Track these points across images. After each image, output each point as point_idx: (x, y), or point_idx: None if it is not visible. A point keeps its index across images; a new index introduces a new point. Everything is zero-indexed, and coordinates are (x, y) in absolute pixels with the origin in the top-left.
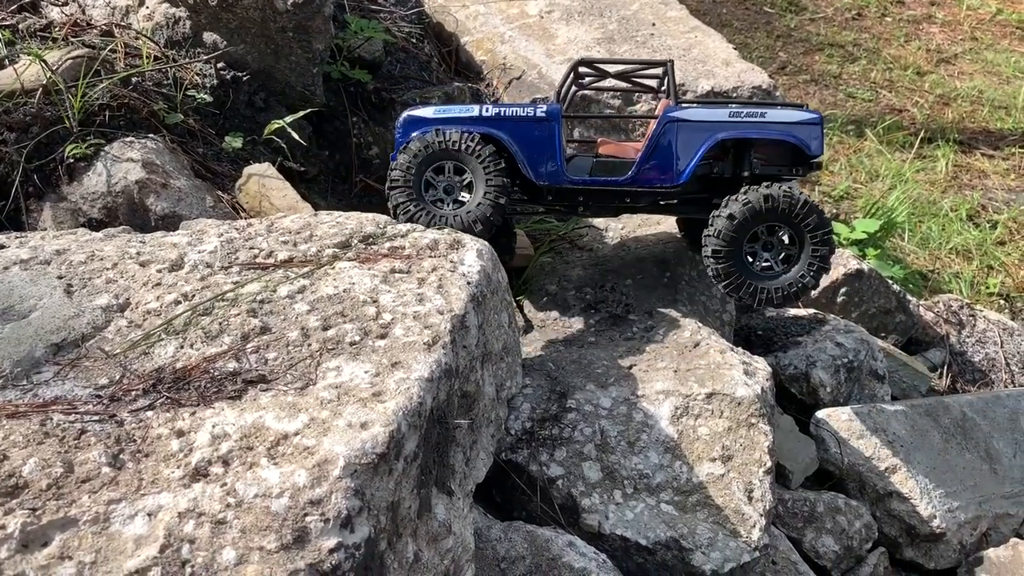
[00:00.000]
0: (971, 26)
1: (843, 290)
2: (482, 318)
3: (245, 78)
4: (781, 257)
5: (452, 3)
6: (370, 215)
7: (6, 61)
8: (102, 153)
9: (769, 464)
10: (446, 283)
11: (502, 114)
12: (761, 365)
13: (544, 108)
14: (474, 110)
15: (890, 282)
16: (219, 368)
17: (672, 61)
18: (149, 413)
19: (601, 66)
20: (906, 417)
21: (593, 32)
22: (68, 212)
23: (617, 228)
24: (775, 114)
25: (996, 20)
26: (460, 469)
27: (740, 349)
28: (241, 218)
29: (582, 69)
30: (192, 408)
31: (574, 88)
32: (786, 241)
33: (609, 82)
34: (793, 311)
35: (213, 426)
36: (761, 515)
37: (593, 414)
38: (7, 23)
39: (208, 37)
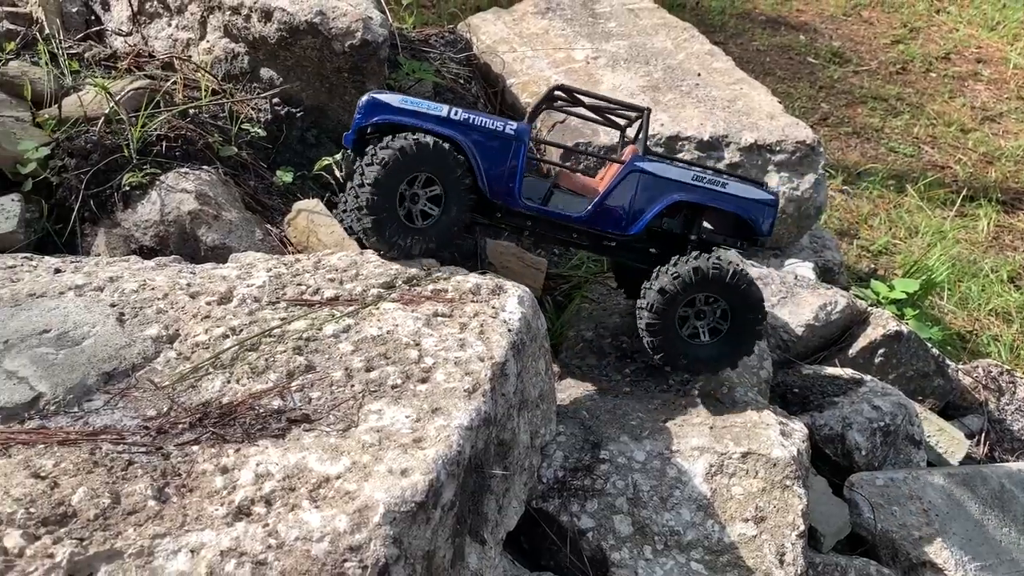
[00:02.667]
0: (1018, 84)
1: (881, 351)
2: (521, 366)
3: (299, 114)
4: (709, 328)
5: (500, 46)
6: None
7: (71, 89)
8: (157, 182)
9: (802, 528)
10: (487, 329)
11: (471, 121)
12: (798, 427)
13: (514, 126)
14: (443, 110)
15: (929, 345)
16: (264, 405)
17: (650, 110)
18: (195, 447)
19: (578, 96)
20: (943, 485)
21: (638, 79)
22: (121, 238)
23: None
24: (735, 187)
25: None
26: (493, 517)
27: (777, 408)
28: (289, 253)
29: (556, 93)
30: (237, 445)
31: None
32: (717, 314)
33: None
34: (830, 370)
35: (257, 464)
36: None
37: (626, 467)
38: (74, 52)
39: (265, 73)
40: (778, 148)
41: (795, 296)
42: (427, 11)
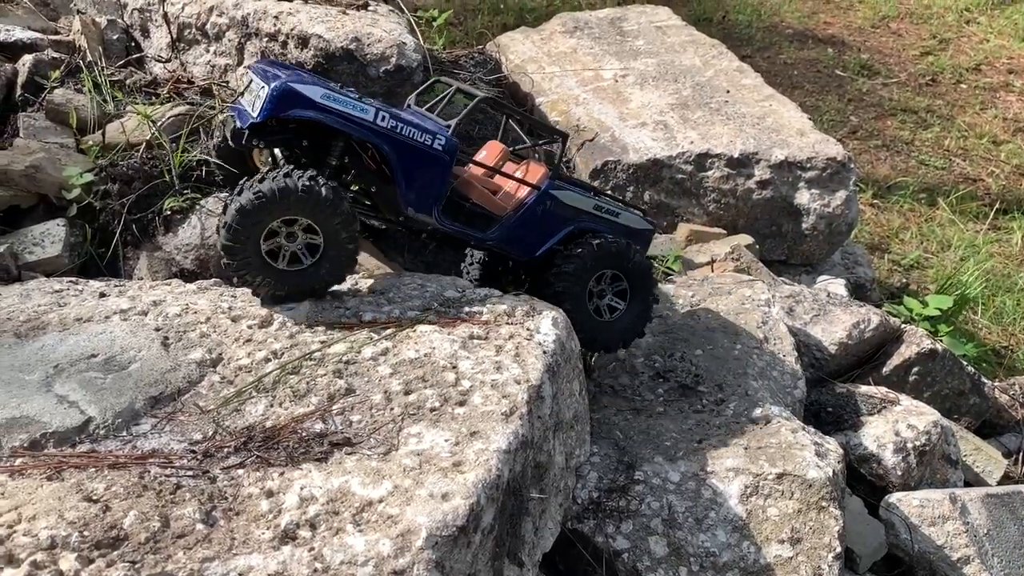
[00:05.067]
0: None
1: (915, 369)
2: (556, 388)
3: None
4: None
5: (529, 65)
6: (450, 278)
7: (113, 116)
8: (197, 207)
9: (839, 549)
10: (523, 352)
11: (398, 131)
12: (833, 447)
13: (442, 141)
14: (369, 112)
15: (964, 363)
16: (307, 429)
17: (568, 135)
18: (240, 471)
19: (505, 110)
20: (981, 505)
21: (667, 97)
22: (162, 261)
23: (688, 296)
24: (626, 217)
25: None
26: (530, 539)
27: (812, 429)
28: None
29: (482, 105)
30: (281, 468)
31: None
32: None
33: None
34: (864, 388)
35: (301, 488)
36: None
37: (661, 488)
38: (116, 79)
39: None
40: (809, 165)
41: (828, 314)
42: (455, 29)
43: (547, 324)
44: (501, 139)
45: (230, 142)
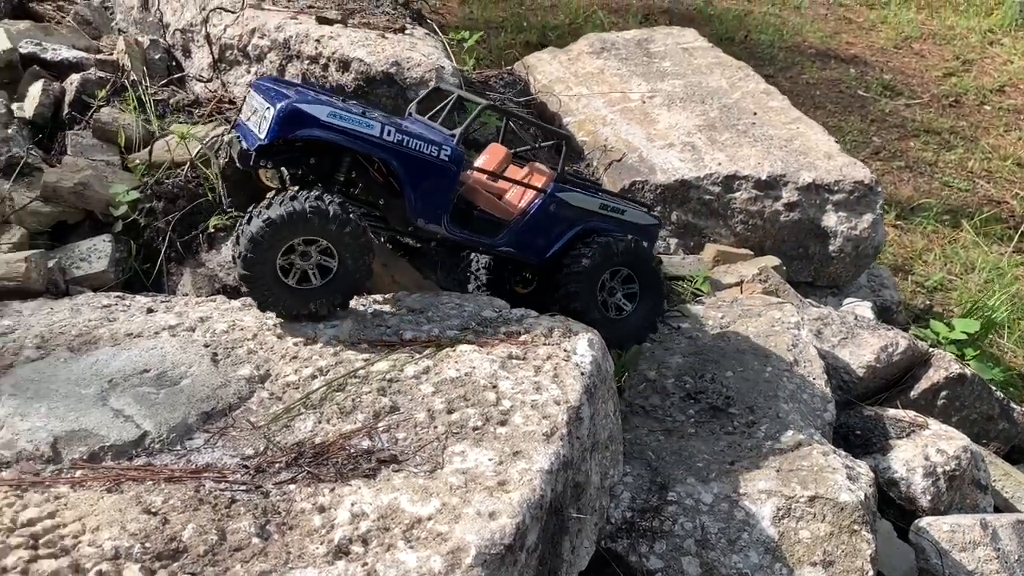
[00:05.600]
0: None
1: (944, 393)
2: (593, 409)
3: None
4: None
5: (556, 85)
6: (486, 298)
7: (156, 134)
8: (240, 225)
9: (871, 573)
10: (561, 373)
11: (404, 144)
12: (864, 470)
13: (448, 151)
14: (375, 128)
15: (993, 388)
16: (354, 445)
17: (571, 136)
18: (292, 486)
19: (509, 114)
20: (1012, 531)
21: (694, 119)
22: (206, 278)
23: (717, 317)
24: (631, 214)
25: None
26: (568, 558)
27: (843, 452)
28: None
29: (486, 112)
30: (331, 484)
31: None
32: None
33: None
34: (892, 412)
35: (352, 504)
36: None
37: (694, 508)
38: (159, 98)
39: None
40: (836, 188)
41: (856, 337)
42: (479, 47)
43: (583, 345)
44: (502, 142)
45: (237, 163)
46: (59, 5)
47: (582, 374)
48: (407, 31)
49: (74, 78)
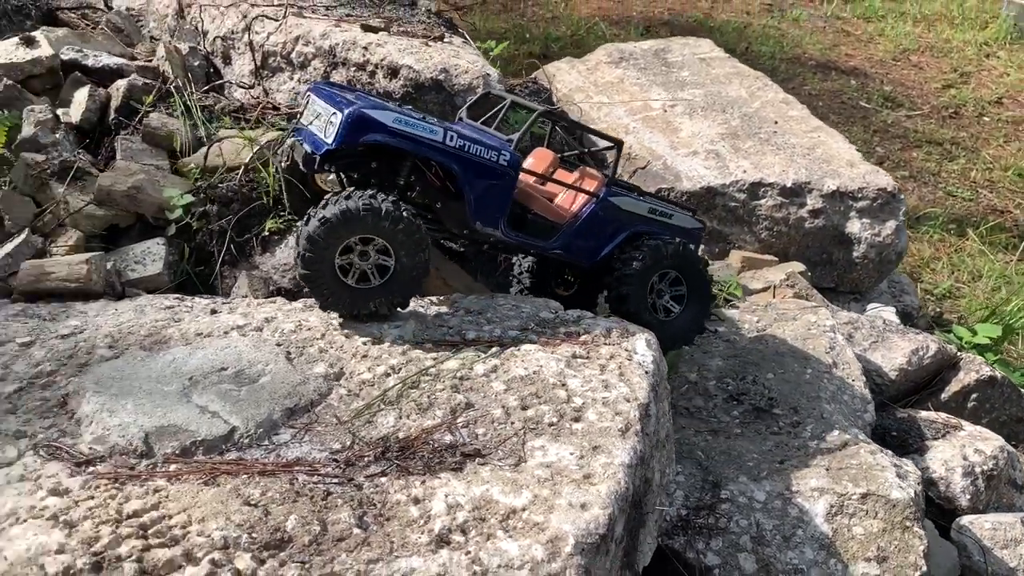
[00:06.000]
0: None
1: (974, 396)
2: (658, 407)
3: None
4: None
5: (576, 94)
6: (543, 300)
7: (206, 139)
8: (294, 228)
9: (924, 568)
10: (626, 371)
11: (466, 150)
12: (912, 469)
13: (507, 156)
14: (438, 133)
15: (1022, 390)
16: (437, 440)
17: (622, 142)
18: (383, 479)
19: (562, 121)
20: None
21: (716, 127)
22: (261, 280)
23: (753, 321)
24: (678, 218)
25: None
26: (642, 551)
27: (889, 452)
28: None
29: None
30: (421, 477)
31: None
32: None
33: None
34: (925, 414)
35: (445, 496)
36: None
37: (748, 506)
38: (205, 104)
39: None
40: (860, 195)
41: (886, 340)
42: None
43: (642, 345)
44: (547, 146)
45: (301, 167)
46: (83, 13)
47: (646, 372)
48: (446, 39)
49: (120, 84)
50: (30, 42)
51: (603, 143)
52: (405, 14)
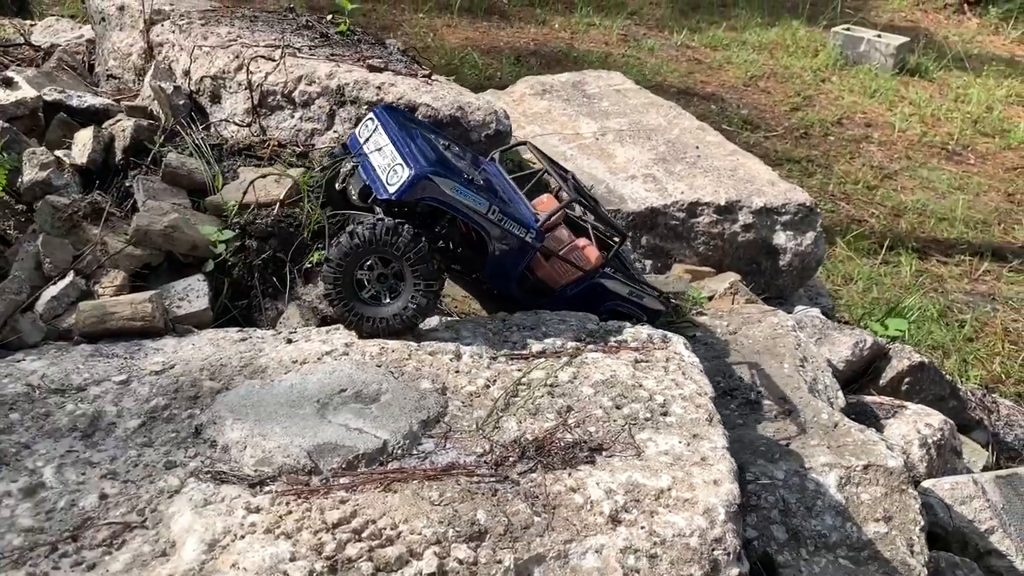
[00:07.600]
0: (904, 146)
1: (907, 380)
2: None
3: None
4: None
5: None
6: (582, 313)
7: (225, 175)
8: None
9: (923, 523)
10: (686, 370)
11: (503, 224)
12: (895, 442)
13: (534, 232)
14: (483, 206)
15: (943, 372)
16: (561, 439)
17: (628, 236)
18: (534, 475)
19: (584, 203)
20: (994, 485)
21: (647, 153)
22: (309, 310)
23: (723, 326)
24: (648, 300)
25: (923, 141)
26: None
27: (872, 429)
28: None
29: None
30: (565, 470)
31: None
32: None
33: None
34: (870, 399)
35: (597, 483)
36: (923, 566)
37: (771, 485)
38: (214, 143)
39: None
40: (783, 210)
41: (828, 336)
42: None
43: (682, 347)
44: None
45: (356, 199)
46: (4, 50)
47: (700, 370)
48: (433, 78)
49: (126, 124)
50: (8, 83)
51: (610, 231)
52: (383, 53)
